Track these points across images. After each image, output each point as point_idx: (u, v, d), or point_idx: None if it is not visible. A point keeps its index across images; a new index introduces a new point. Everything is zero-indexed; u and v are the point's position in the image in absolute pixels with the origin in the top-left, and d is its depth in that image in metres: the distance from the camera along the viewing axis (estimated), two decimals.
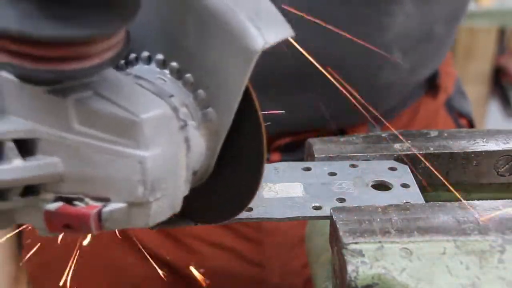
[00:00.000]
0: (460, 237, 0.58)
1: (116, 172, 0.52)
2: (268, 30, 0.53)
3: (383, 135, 0.78)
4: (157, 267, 0.87)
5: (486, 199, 0.64)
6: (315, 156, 0.74)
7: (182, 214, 0.59)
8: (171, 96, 0.55)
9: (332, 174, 0.71)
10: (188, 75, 0.57)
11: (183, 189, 0.56)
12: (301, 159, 0.78)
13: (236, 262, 1.06)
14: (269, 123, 0.59)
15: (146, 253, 1.03)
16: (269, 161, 1.02)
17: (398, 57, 1.00)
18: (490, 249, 0.57)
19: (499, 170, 0.74)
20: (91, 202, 0.53)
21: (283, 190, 0.69)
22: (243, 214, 0.66)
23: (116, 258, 1.05)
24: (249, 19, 0.52)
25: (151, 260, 0.89)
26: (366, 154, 0.74)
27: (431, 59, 1.11)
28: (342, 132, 1.05)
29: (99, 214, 0.52)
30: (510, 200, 0.63)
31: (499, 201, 0.63)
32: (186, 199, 0.57)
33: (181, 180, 0.55)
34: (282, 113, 0.75)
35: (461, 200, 0.62)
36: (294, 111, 0.99)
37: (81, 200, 0.53)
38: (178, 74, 0.57)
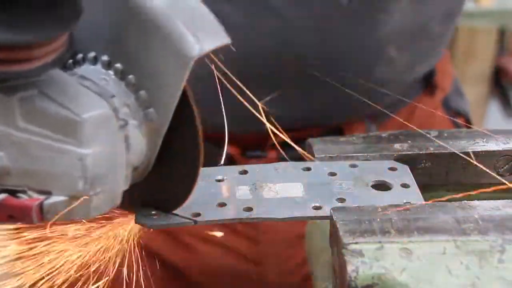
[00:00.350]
0: (460, 237, 0.58)
1: (58, 167, 0.55)
2: (204, 37, 0.55)
3: (383, 135, 0.78)
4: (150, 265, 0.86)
5: (486, 199, 0.64)
6: (315, 156, 0.74)
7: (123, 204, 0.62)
8: (113, 96, 0.58)
9: (332, 174, 0.71)
10: (130, 77, 0.59)
11: (123, 185, 0.59)
12: (299, 156, 0.78)
13: (234, 260, 1.06)
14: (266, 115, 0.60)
15: (145, 252, 1.03)
16: (268, 158, 1.02)
17: (393, 54, 1.00)
18: (490, 249, 0.57)
19: (499, 170, 0.74)
20: (34, 195, 0.56)
21: (283, 190, 0.69)
22: (243, 214, 0.66)
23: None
24: (186, 26, 0.55)
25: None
26: (366, 154, 0.74)
27: (427, 56, 1.11)
28: (340, 129, 1.05)
29: (41, 206, 0.56)
30: (510, 200, 0.63)
31: (499, 201, 0.63)
32: (127, 192, 0.60)
33: (121, 176, 0.58)
34: (279, 109, 0.76)
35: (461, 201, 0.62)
36: (292, 107, 0.99)
37: (24, 192, 0.56)
38: (121, 75, 0.60)
